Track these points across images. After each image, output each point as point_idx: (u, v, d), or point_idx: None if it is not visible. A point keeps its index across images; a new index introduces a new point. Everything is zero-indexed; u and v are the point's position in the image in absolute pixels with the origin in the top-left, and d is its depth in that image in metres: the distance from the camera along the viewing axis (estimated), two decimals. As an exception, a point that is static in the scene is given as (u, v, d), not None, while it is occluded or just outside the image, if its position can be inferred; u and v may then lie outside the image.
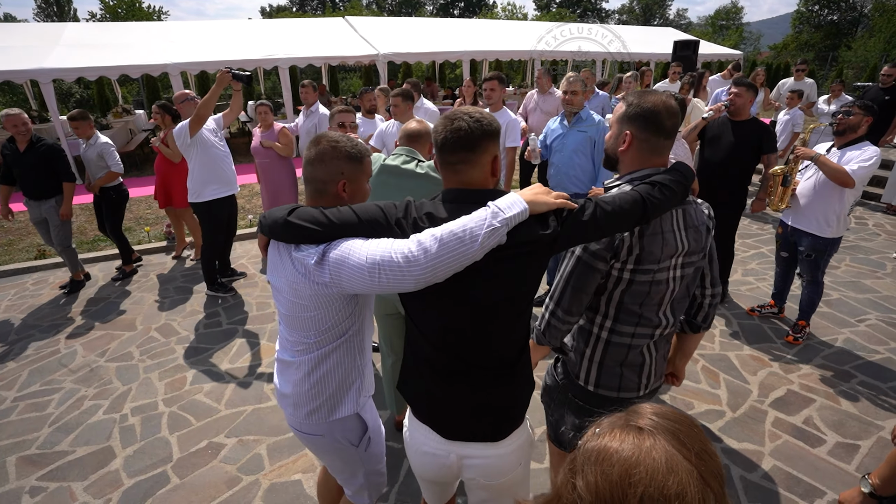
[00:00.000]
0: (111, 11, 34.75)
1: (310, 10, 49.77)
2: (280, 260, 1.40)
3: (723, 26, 47.35)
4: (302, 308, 1.40)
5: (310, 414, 1.55)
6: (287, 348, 1.55)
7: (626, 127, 1.51)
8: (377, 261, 1.17)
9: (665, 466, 0.60)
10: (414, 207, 1.30)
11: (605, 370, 1.60)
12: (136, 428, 2.97)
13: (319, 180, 1.45)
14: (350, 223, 1.27)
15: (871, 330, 3.78)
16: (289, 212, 1.33)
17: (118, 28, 11.95)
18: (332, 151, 1.45)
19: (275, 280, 1.45)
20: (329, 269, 1.26)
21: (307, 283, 1.33)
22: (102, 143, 4.72)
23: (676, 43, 9.86)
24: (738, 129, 3.67)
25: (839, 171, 3.08)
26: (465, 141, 1.29)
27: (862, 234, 5.72)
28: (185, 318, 4.19)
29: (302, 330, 1.45)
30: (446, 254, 1.13)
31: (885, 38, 27.62)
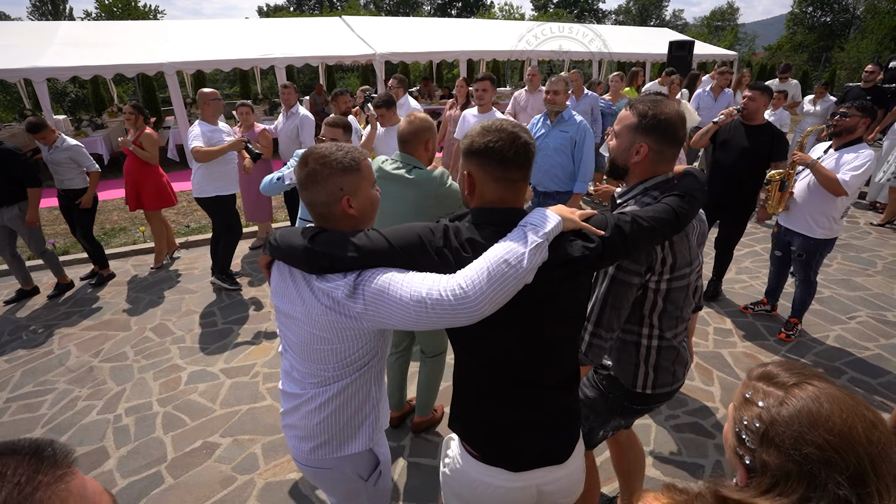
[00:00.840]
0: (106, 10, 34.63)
1: (307, 9, 49.68)
2: (294, 287, 1.29)
3: (718, 27, 47.57)
4: (321, 340, 1.28)
5: (316, 448, 1.43)
6: (295, 380, 1.41)
7: (640, 139, 1.50)
8: (423, 297, 1.09)
9: (849, 398, 0.69)
10: (452, 233, 1.19)
11: (661, 372, 1.68)
12: (130, 428, 2.97)
13: (320, 203, 1.30)
14: (381, 251, 1.17)
15: (862, 327, 3.82)
16: (309, 238, 1.21)
17: (114, 27, 11.90)
18: (324, 169, 1.29)
19: (284, 305, 1.33)
20: (364, 302, 1.16)
21: (333, 316, 1.22)
22: (71, 145, 4.56)
23: (672, 43, 9.89)
24: (752, 133, 3.62)
25: (832, 180, 3.09)
26: (530, 158, 1.24)
27: (853, 232, 5.77)
28: (181, 318, 4.19)
29: (319, 362, 1.33)
30: (498, 282, 1.08)
31: (876, 40, 27.80)
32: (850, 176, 3.06)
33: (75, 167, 4.61)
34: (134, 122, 4.81)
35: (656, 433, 2.81)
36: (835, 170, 3.15)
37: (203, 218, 6.56)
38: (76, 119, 11.06)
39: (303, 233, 1.25)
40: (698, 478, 2.52)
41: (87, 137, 9.15)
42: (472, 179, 1.25)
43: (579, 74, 6.15)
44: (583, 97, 6.07)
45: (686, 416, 2.94)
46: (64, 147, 4.53)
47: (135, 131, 4.82)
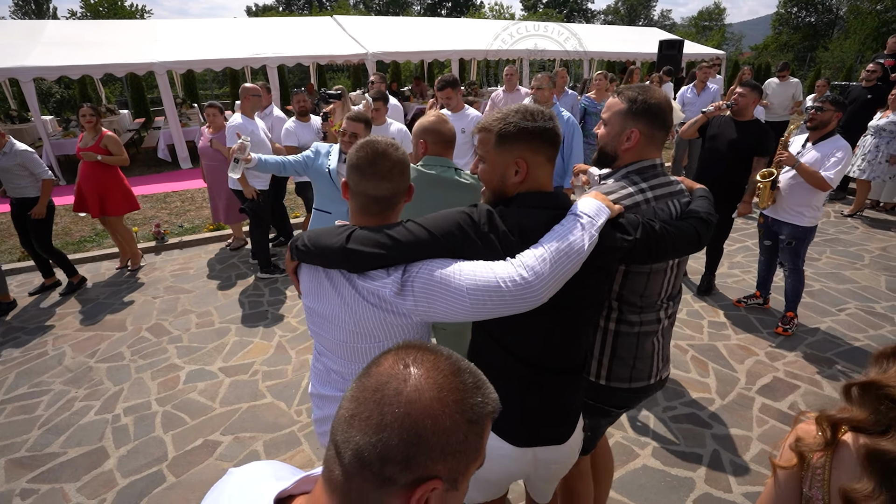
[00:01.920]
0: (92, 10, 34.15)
1: (296, 9, 49.43)
2: (332, 288, 1.26)
3: (706, 27, 48.06)
4: (367, 338, 1.26)
5: None
6: (335, 382, 1.38)
7: (631, 124, 1.50)
8: (480, 287, 1.07)
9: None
10: (498, 217, 1.17)
11: (617, 362, 1.60)
12: (129, 428, 2.95)
13: (390, 195, 1.27)
14: (423, 242, 1.14)
15: (851, 319, 3.90)
16: (347, 237, 1.18)
17: (102, 26, 11.77)
18: (402, 162, 1.28)
19: (321, 308, 1.30)
20: (413, 297, 1.14)
21: (380, 314, 1.20)
22: (20, 150, 4.20)
23: (662, 42, 10.01)
24: (741, 129, 3.70)
25: (817, 178, 3.23)
26: (559, 138, 1.27)
27: (841, 227, 5.87)
28: (177, 318, 4.16)
29: (363, 360, 1.30)
30: (559, 271, 1.09)
31: (859, 40, 28.29)
32: (833, 172, 3.21)
33: (27, 174, 4.27)
34: (94, 125, 4.59)
35: (654, 424, 2.85)
36: (815, 162, 3.29)
37: (196, 218, 6.53)
38: (63, 119, 10.91)
39: (337, 232, 1.21)
40: (695, 467, 2.56)
41: (76, 138, 9.03)
42: (527, 164, 1.23)
43: (565, 72, 6.22)
44: (563, 96, 6.10)
45: (683, 407, 2.98)
46: (13, 152, 4.18)
47: (93, 135, 4.59)
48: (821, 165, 3.26)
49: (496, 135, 1.25)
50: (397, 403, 0.58)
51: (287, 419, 2.97)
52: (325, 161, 2.97)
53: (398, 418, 0.57)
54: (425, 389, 0.59)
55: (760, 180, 3.49)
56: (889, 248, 5.26)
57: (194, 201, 7.36)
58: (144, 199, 7.51)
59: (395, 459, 0.57)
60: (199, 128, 10.13)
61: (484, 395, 0.63)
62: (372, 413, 0.58)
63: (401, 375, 0.60)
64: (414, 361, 0.62)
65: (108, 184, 4.73)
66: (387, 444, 0.57)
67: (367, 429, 0.58)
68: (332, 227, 1.25)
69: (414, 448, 0.57)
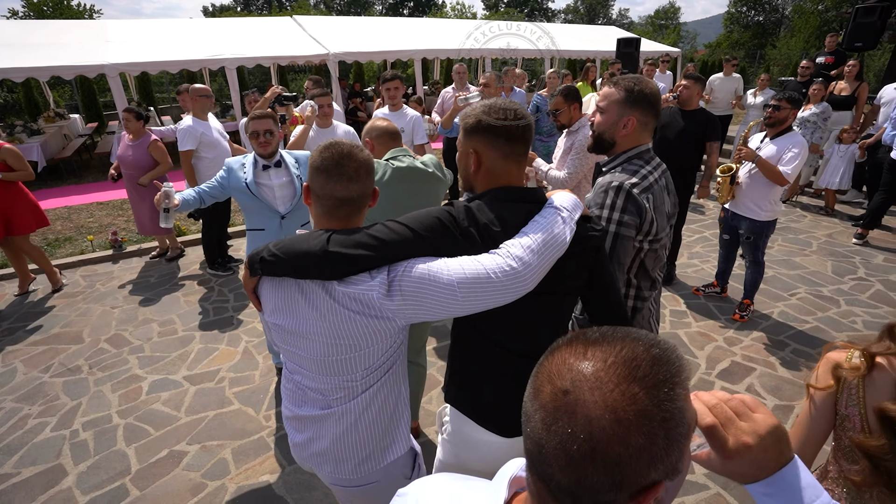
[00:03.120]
0: (35, 9, 32.50)
1: (255, 9, 48.35)
2: (304, 300, 1.19)
3: (662, 25, 49.56)
4: (347, 348, 1.20)
5: (359, 466, 1.33)
6: (314, 400, 1.31)
7: (628, 112, 1.64)
8: (469, 280, 1.06)
9: None
10: (476, 211, 1.18)
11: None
12: (88, 443, 2.84)
13: (358, 197, 1.25)
14: (407, 240, 1.12)
15: (802, 302, 4.11)
16: (326, 240, 1.13)
17: (48, 26, 11.21)
18: (368, 163, 1.26)
19: (290, 323, 1.23)
20: (402, 297, 1.11)
21: (362, 320, 1.15)
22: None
23: (620, 41, 10.27)
24: (688, 118, 3.94)
25: (775, 173, 3.36)
26: (531, 135, 1.28)
27: (791, 216, 6.18)
28: (138, 328, 4.02)
29: (344, 373, 1.24)
30: (544, 260, 1.11)
31: (804, 38, 29.72)
32: (790, 168, 3.35)
33: None
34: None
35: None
36: (773, 157, 3.42)
37: (155, 224, 6.31)
38: (8, 125, 10.35)
39: (311, 238, 1.16)
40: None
41: (23, 144, 8.59)
42: (479, 157, 1.27)
43: (514, 70, 6.28)
44: (512, 94, 6.12)
45: (647, 394, 3.08)
46: None
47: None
48: (778, 160, 3.40)
49: (462, 125, 1.30)
50: (577, 441, 0.52)
51: (255, 425, 2.92)
52: (241, 175, 2.74)
53: (586, 456, 0.52)
54: (597, 418, 0.52)
55: (720, 175, 3.64)
56: (834, 234, 5.57)
57: (153, 207, 7.11)
58: (100, 206, 7.22)
59: (604, 489, 0.53)
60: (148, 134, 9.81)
61: (669, 382, 0.54)
62: (558, 453, 0.53)
63: (566, 408, 0.54)
64: (574, 383, 0.55)
65: (13, 200, 4.30)
66: (588, 479, 0.52)
67: (560, 468, 0.54)
68: (300, 235, 1.19)
69: (618, 475, 0.52)
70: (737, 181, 3.63)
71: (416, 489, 0.79)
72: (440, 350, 3.59)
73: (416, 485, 0.80)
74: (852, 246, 5.22)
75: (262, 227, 2.85)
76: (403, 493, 0.80)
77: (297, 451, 1.42)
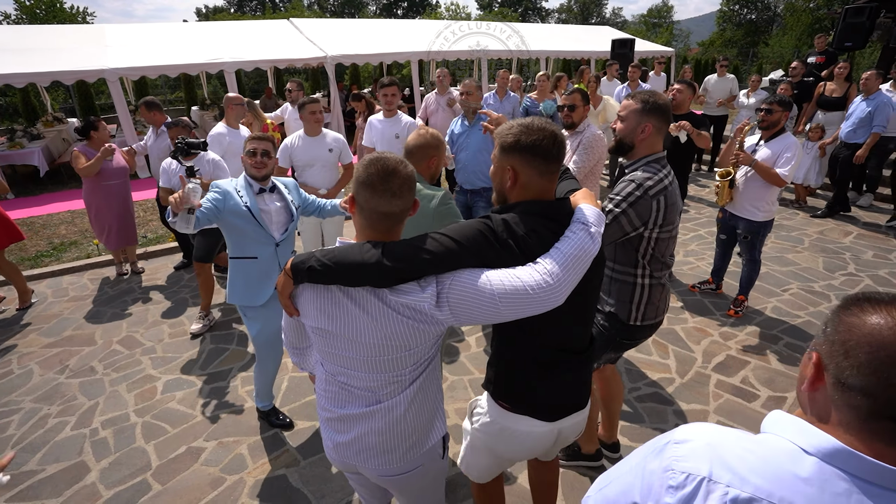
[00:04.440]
0: (28, 12, 32.32)
1: (249, 11, 48.27)
2: (353, 305, 1.26)
3: (655, 24, 49.81)
4: (398, 348, 1.29)
5: (406, 453, 1.42)
6: (360, 397, 1.38)
7: (645, 119, 1.95)
8: (509, 293, 1.16)
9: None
10: (514, 225, 1.27)
11: (650, 307, 2.10)
12: (108, 441, 2.93)
13: (401, 212, 1.31)
14: (454, 252, 1.21)
15: (794, 298, 4.25)
16: (381, 252, 1.20)
17: (46, 31, 11.25)
18: (412, 179, 1.31)
19: (338, 327, 1.29)
20: (450, 308, 1.21)
21: (414, 325, 1.24)
22: None
23: (614, 41, 10.41)
24: (676, 120, 4.03)
25: (772, 175, 3.49)
26: (564, 152, 1.38)
27: (784, 213, 6.32)
28: (148, 329, 4.11)
29: (395, 369, 1.33)
30: (573, 276, 1.23)
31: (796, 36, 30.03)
32: (786, 169, 3.47)
33: None
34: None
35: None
36: (768, 159, 3.56)
37: (160, 228, 6.39)
38: (7, 129, 10.38)
39: (364, 249, 1.22)
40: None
41: (23, 149, 8.65)
42: (516, 174, 1.38)
43: (507, 73, 6.36)
44: (506, 98, 6.18)
45: (647, 388, 3.20)
46: None
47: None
48: (772, 162, 3.53)
49: (500, 143, 1.40)
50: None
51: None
52: (237, 198, 2.51)
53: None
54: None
55: (719, 180, 3.77)
56: (825, 231, 5.72)
57: (156, 211, 7.18)
58: (102, 210, 7.28)
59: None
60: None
61: None
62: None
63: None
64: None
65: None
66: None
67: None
68: (348, 246, 1.27)
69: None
70: (735, 184, 3.76)
71: (695, 433, 0.81)
72: (448, 348, 3.70)
73: (690, 430, 0.82)
74: (843, 242, 5.37)
75: (254, 255, 2.59)
76: (683, 440, 0.80)
77: (339, 451, 1.46)
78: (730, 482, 0.72)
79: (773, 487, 0.70)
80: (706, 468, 0.74)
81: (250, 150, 2.54)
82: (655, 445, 0.84)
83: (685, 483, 0.75)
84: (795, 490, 0.69)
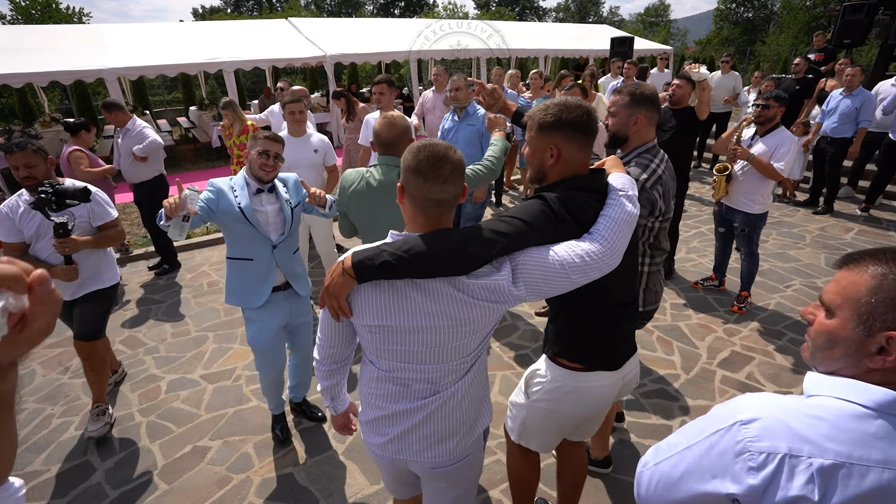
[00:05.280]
0: (23, 12, 32.22)
1: (245, 10, 48.18)
2: (421, 296, 1.25)
3: (652, 23, 49.88)
4: (466, 333, 1.30)
5: (462, 439, 1.43)
6: (419, 391, 1.37)
7: (636, 112, 2.00)
8: (575, 264, 1.24)
9: None
10: (567, 200, 1.34)
11: (649, 293, 2.19)
12: (113, 440, 2.92)
13: (453, 198, 1.29)
14: (524, 232, 1.26)
15: (797, 294, 4.25)
16: (461, 239, 1.22)
17: (43, 31, 11.21)
18: (462, 164, 1.30)
19: (402, 321, 1.26)
20: (525, 284, 1.25)
21: (492, 307, 1.27)
22: None
23: (613, 39, 10.42)
24: (679, 115, 4.05)
25: (769, 169, 3.52)
26: (591, 129, 1.45)
27: (784, 210, 6.33)
28: (151, 329, 4.10)
29: (458, 357, 1.34)
30: (623, 239, 1.33)
31: (793, 34, 30.09)
32: (783, 163, 3.50)
33: None
34: None
35: (627, 401, 3.05)
36: (764, 153, 3.57)
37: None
38: (4, 130, 10.33)
39: (439, 237, 1.23)
40: (667, 436, 2.77)
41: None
42: (559, 150, 1.44)
43: (500, 70, 6.36)
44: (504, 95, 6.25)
45: (652, 384, 3.20)
46: None
47: None
48: (769, 156, 3.54)
49: (537, 123, 1.46)
50: None
51: (276, 420, 3.01)
52: (232, 198, 2.39)
53: None
54: None
55: (716, 175, 3.78)
56: (826, 227, 5.73)
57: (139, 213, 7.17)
58: (102, 210, 7.25)
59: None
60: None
61: None
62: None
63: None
64: None
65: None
66: None
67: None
68: (421, 236, 1.25)
69: None
70: (732, 178, 3.77)
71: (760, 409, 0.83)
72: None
73: (754, 406, 0.84)
74: (844, 238, 5.38)
75: (250, 256, 2.46)
76: (751, 419, 0.82)
77: (389, 447, 1.43)
78: (810, 453, 0.75)
79: (850, 449, 0.74)
80: (784, 444, 0.77)
81: (262, 150, 2.37)
82: (718, 424, 0.86)
83: (766, 462, 0.77)
84: (870, 446, 0.74)
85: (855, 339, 0.84)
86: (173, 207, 2.05)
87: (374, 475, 2.59)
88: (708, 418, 0.90)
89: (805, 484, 0.74)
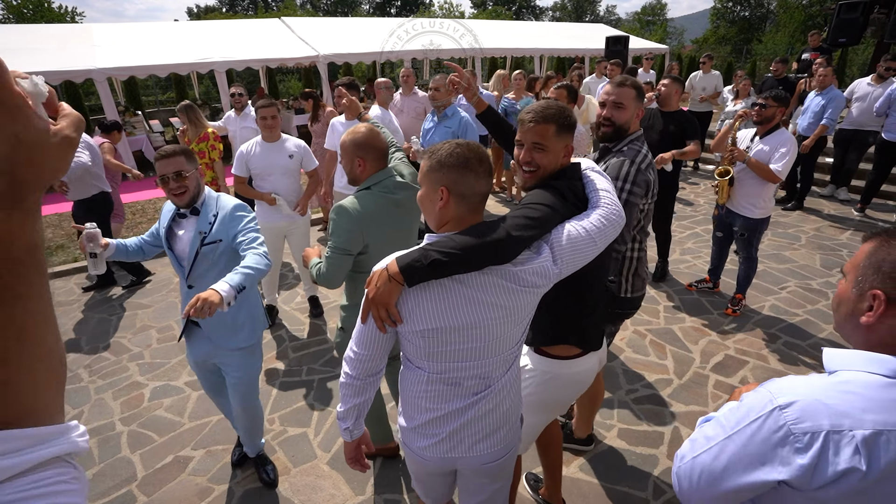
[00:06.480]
0: (14, 11, 32.01)
1: (241, 10, 48.01)
2: (470, 292, 1.25)
3: (649, 22, 49.89)
4: (516, 322, 1.34)
5: (509, 430, 1.47)
6: (470, 388, 1.37)
7: (640, 104, 2.16)
8: (597, 230, 1.36)
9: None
10: (573, 188, 1.50)
11: (637, 278, 2.29)
12: (93, 451, 2.84)
13: (488, 190, 1.34)
14: (550, 216, 1.37)
15: (792, 296, 4.20)
16: (505, 229, 1.25)
17: (32, 30, 11.08)
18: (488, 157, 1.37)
19: (455, 320, 1.25)
20: (562, 261, 1.33)
21: (538, 291, 1.34)
22: None
23: (608, 38, 10.38)
24: (668, 118, 3.99)
25: (767, 171, 3.45)
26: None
27: (779, 210, 6.29)
28: (136, 335, 4.02)
29: (508, 348, 1.38)
30: (618, 200, 1.50)
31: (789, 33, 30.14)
32: (780, 165, 3.42)
33: None
34: None
35: (618, 406, 2.99)
36: (765, 155, 3.50)
37: (149, 230, 6.30)
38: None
39: (482, 229, 1.25)
40: (658, 445, 2.72)
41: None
42: (569, 149, 1.59)
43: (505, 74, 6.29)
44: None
45: (644, 389, 3.15)
46: None
47: None
48: (769, 158, 3.47)
49: (558, 125, 1.54)
50: None
51: (260, 429, 2.94)
52: (164, 220, 2.26)
53: None
54: None
55: (718, 179, 3.72)
56: (822, 228, 5.69)
57: (146, 213, 7.09)
58: (91, 212, 7.17)
59: None
60: (143, 136, 9.73)
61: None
62: None
63: None
64: None
65: None
66: None
67: None
68: (467, 231, 1.26)
69: None
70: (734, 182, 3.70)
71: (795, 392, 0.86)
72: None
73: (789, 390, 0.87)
74: (840, 239, 5.34)
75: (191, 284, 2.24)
76: (788, 402, 0.85)
77: (440, 447, 1.41)
78: (851, 426, 0.80)
79: (886, 417, 0.80)
80: (826, 422, 0.81)
81: (159, 175, 2.09)
82: (756, 412, 0.88)
83: (812, 442, 0.81)
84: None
85: (853, 298, 0.93)
86: (82, 245, 2.06)
87: (359, 485, 2.53)
88: (742, 407, 0.92)
89: (852, 455, 0.79)
